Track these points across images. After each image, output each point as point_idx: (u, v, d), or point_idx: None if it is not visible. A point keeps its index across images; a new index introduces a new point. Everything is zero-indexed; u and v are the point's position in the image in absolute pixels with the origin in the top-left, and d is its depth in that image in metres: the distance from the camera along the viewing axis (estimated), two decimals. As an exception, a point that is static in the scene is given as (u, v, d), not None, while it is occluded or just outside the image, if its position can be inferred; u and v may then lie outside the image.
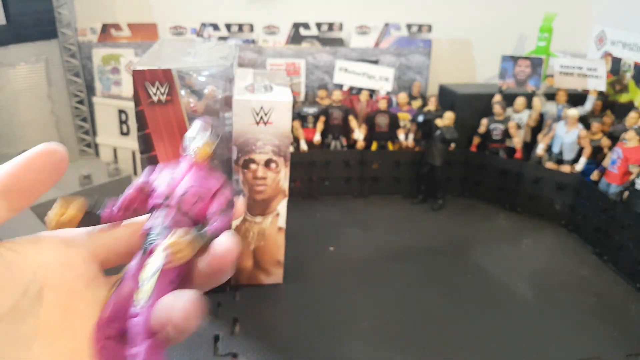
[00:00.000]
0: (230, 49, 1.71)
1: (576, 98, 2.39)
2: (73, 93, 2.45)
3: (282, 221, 1.67)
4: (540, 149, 2.27)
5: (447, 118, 2.29)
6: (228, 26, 2.65)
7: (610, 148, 2.07)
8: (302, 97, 2.61)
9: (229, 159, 1.57)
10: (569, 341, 1.50)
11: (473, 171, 2.42)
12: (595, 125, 2.18)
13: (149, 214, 0.50)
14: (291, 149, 2.19)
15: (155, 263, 0.44)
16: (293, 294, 1.70)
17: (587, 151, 2.15)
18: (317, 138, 2.39)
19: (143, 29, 2.58)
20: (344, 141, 2.45)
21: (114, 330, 0.44)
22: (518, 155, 2.33)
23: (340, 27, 2.71)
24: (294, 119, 2.31)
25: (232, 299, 1.66)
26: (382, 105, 2.43)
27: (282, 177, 1.60)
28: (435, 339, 1.50)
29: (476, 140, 2.41)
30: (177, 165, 0.52)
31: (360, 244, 2.03)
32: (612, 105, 2.37)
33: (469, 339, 1.51)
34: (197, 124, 0.53)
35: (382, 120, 2.42)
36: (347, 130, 2.44)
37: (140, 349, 0.41)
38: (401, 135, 2.44)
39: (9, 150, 2.26)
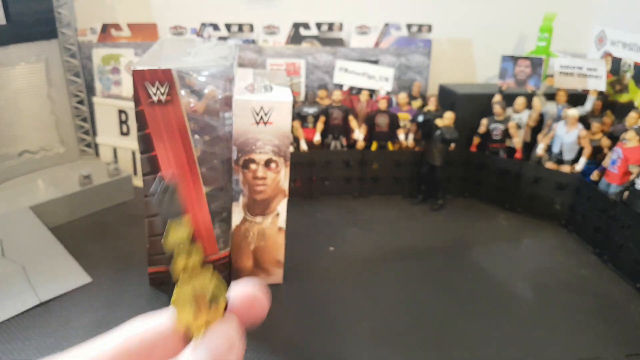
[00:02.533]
0: (230, 49, 1.71)
1: (576, 98, 2.39)
2: (73, 93, 2.45)
3: (282, 221, 1.67)
4: (540, 149, 2.27)
5: (447, 118, 2.29)
6: (228, 26, 2.65)
7: (610, 148, 2.07)
8: (302, 97, 2.61)
9: (229, 159, 1.57)
10: (569, 341, 1.50)
11: (473, 171, 2.42)
12: (595, 125, 2.18)
13: None
14: (291, 149, 2.19)
15: None
16: (293, 294, 1.70)
17: (587, 151, 2.15)
18: (317, 138, 2.39)
19: (143, 29, 2.58)
20: (344, 141, 2.45)
21: None
22: (518, 155, 2.33)
23: (340, 27, 2.71)
24: (294, 119, 2.31)
25: (232, 299, 1.66)
26: (382, 105, 2.43)
27: (282, 177, 1.60)
28: (435, 339, 1.50)
29: (476, 140, 2.41)
30: None
31: (360, 244, 2.03)
32: (612, 105, 2.37)
33: (469, 339, 1.51)
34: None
35: (382, 120, 2.42)
36: (347, 130, 2.44)
37: None
38: (401, 135, 2.44)
39: (9, 150, 2.27)
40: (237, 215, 1.63)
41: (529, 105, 2.41)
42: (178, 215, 0.44)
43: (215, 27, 2.63)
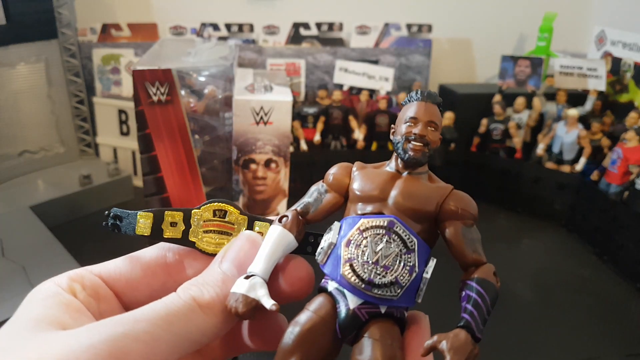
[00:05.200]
0: (230, 49, 1.71)
1: (576, 98, 2.39)
2: (73, 93, 2.45)
3: (282, 221, 1.66)
4: (540, 149, 2.27)
5: (447, 118, 2.29)
6: (228, 26, 2.65)
7: (610, 148, 2.07)
8: (302, 97, 2.61)
9: (229, 159, 1.57)
10: (569, 341, 1.50)
11: (473, 171, 2.42)
12: (595, 125, 2.18)
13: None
14: (291, 149, 2.19)
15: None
16: (293, 294, 1.70)
17: (587, 151, 2.14)
18: (317, 138, 2.39)
19: (143, 29, 2.58)
20: (344, 141, 2.45)
21: None
22: (518, 155, 2.33)
23: (340, 27, 2.71)
24: (294, 119, 2.31)
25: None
26: (382, 105, 2.43)
27: (282, 177, 1.60)
28: (435, 339, 1.50)
29: (476, 140, 2.41)
30: None
31: (360, 244, 2.03)
32: (612, 105, 2.37)
33: (469, 339, 1.51)
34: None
35: (382, 120, 2.41)
36: (347, 130, 2.44)
37: None
38: (401, 135, 2.43)
39: (9, 150, 2.26)
40: (237, 215, 1.63)
41: (529, 105, 2.41)
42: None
43: (215, 27, 2.63)
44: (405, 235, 0.51)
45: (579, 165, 2.15)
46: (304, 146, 2.37)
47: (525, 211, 2.30)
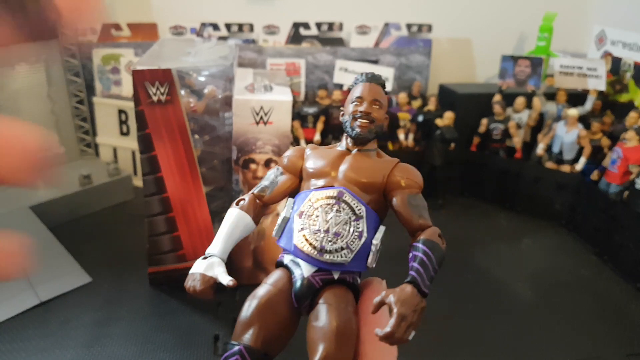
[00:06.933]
0: (230, 49, 1.71)
1: (576, 98, 2.39)
2: (73, 93, 2.45)
3: (282, 221, 1.66)
4: (540, 149, 2.27)
5: (447, 118, 2.29)
6: (228, 26, 2.65)
7: (610, 148, 2.07)
8: (302, 97, 2.61)
9: (229, 159, 1.57)
10: (569, 341, 1.50)
11: (473, 171, 2.42)
12: (595, 125, 2.18)
13: None
14: (291, 149, 2.19)
15: None
16: (293, 294, 1.70)
17: (587, 151, 2.15)
18: (317, 138, 2.39)
19: (143, 29, 2.58)
20: (344, 141, 2.45)
21: None
22: (518, 155, 2.33)
23: (340, 27, 2.71)
24: (294, 119, 2.31)
25: (232, 299, 1.66)
26: (382, 105, 2.43)
27: (282, 177, 1.60)
28: (434, 339, 1.50)
29: (476, 140, 2.41)
30: None
31: (360, 244, 2.03)
32: (612, 105, 2.37)
33: (469, 338, 1.51)
34: None
35: (382, 120, 2.41)
36: (347, 130, 2.44)
37: None
38: (401, 135, 2.44)
39: (9, 150, 2.26)
40: (237, 215, 1.63)
41: (529, 105, 2.41)
42: None
43: (215, 27, 2.63)
44: (354, 204, 0.54)
45: (579, 165, 2.15)
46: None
47: (525, 211, 2.30)
